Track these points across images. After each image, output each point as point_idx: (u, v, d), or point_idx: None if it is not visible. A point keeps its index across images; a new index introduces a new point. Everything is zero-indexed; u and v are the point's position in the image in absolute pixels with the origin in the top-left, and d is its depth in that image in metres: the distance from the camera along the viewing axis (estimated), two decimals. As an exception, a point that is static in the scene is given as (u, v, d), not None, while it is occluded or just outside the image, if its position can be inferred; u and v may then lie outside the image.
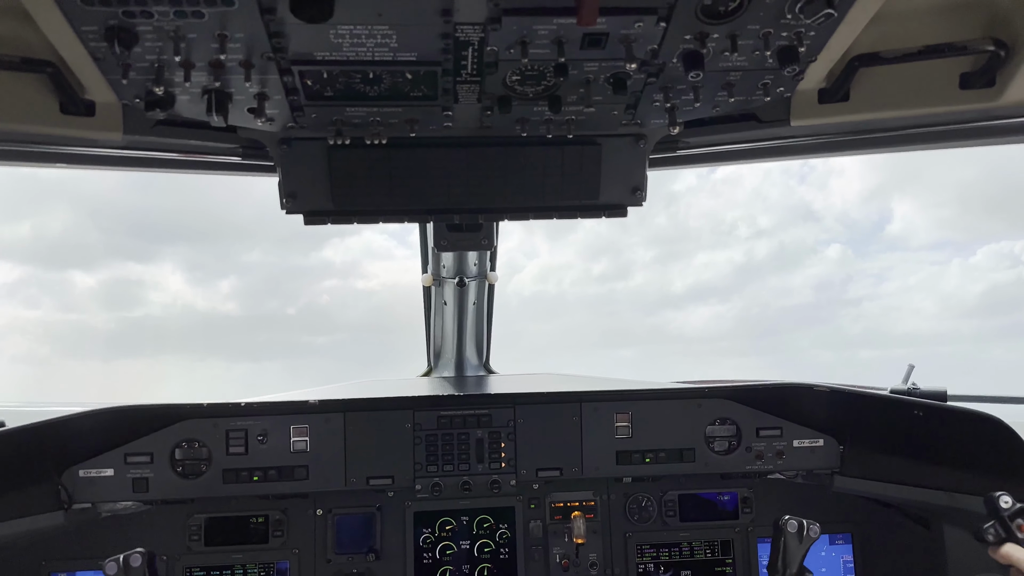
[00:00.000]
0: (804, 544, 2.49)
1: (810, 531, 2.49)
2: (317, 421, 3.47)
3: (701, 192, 24.61)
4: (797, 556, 2.48)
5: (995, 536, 2.38)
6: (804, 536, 2.50)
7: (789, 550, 2.48)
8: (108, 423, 3.28)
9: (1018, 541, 2.34)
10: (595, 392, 3.64)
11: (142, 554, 2.37)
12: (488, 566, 3.68)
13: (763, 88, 2.24)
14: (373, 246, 14.09)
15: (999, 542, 2.37)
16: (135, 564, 2.36)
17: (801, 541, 2.49)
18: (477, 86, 2.19)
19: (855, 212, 22.62)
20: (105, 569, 2.36)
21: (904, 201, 24.47)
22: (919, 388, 3.59)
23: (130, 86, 2.07)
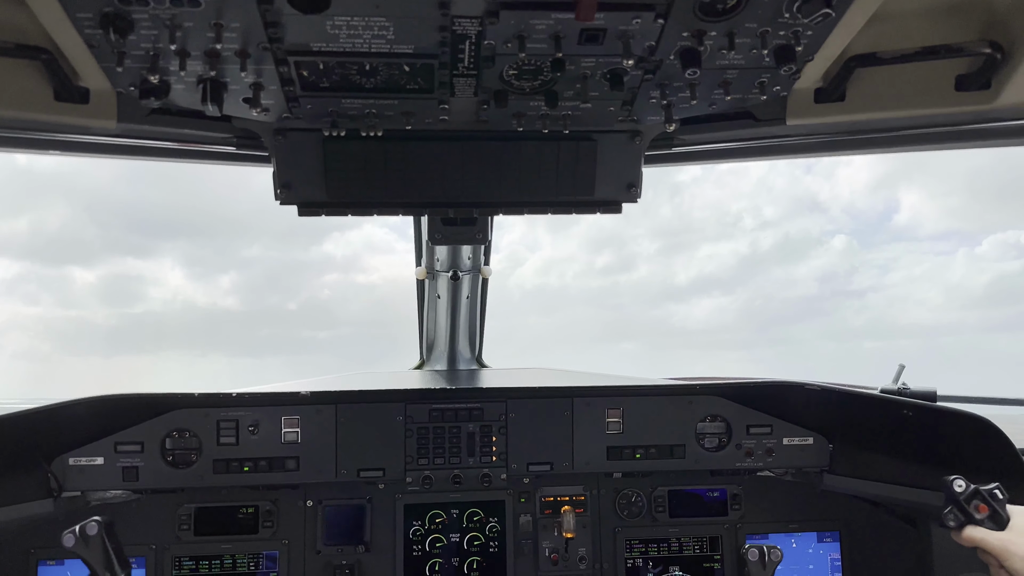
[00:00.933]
0: (768, 569, 2.54)
1: (771, 555, 2.55)
2: (308, 412, 3.47)
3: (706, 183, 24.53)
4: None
5: (955, 520, 2.39)
6: (767, 561, 2.54)
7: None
8: (99, 411, 3.27)
9: (977, 522, 2.35)
10: (587, 388, 3.64)
11: (98, 522, 2.36)
12: (477, 559, 3.69)
13: (759, 87, 2.24)
14: (374, 240, 14.15)
15: (960, 526, 2.38)
16: (91, 532, 2.34)
17: (764, 567, 2.54)
18: (474, 80, 2.18)
19: (861, 202, 22.78)
20: (63, 541, 2.35)
21: (912, 191, 24.63)
22: (909, 388, 3.61)
23: (125, 74, 2.06)
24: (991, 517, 2.35)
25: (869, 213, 62.36)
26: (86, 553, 2.35)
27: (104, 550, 2.35)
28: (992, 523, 2.34)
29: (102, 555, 2.34)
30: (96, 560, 2.34)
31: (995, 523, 2.34)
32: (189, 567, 3.56)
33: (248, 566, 3.60)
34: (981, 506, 2.37)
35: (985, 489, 2.37)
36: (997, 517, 2.35)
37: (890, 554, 3.76)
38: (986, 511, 2.36)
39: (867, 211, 63.99)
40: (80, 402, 3.19)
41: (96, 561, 2.34)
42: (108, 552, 2.35)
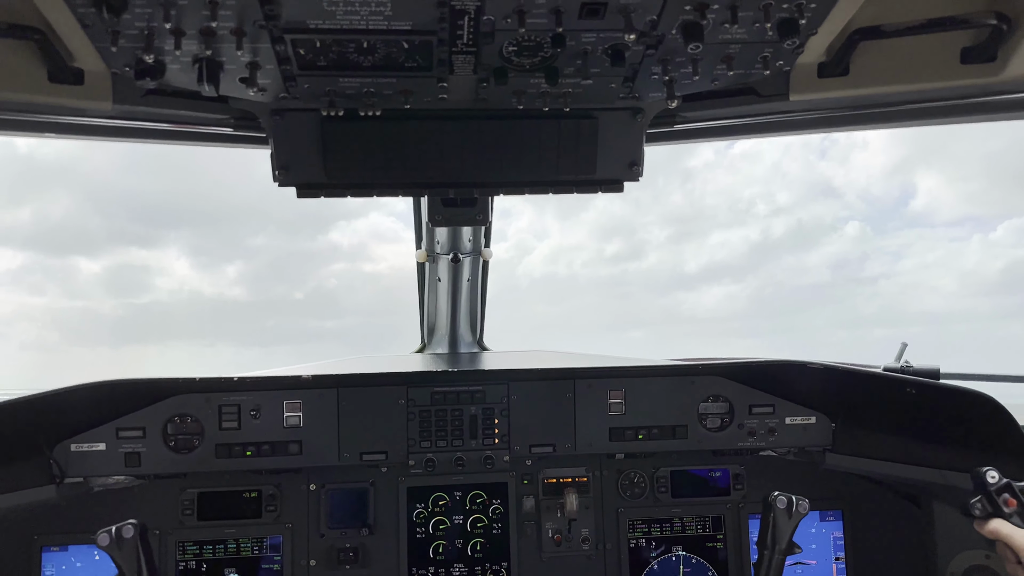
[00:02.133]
0: (793, 520, 2.51)
1: (799, 507, 2.51)
2: (311, 396, 3.47)
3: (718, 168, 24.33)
4: (786, 532, 2.49)
5: (982, 511, 2.40)
6: (793, 512, 2.51)
7: (778, 526, 2.49)
8: (100, 397, 3.26)
9: (1004, 516, 2.36)
10: (589, 369, 3.64)
11: (134, 525, 2.36)
12: (481, 541, 3.69)
13: (763, 61, 2.21)
14: (380, 228, 14.12)
15: (986, 517, 2.39)
16: (127, 535, 2.35)
17: (790, 517, 2.51)
18: (473, 57, 2.15)
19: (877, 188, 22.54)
20: (97, 540, 2.34)
21: (929, 175, 24.32)
22: (912, 366, 3.60)
23: (119, 54, 2.03)
24: (1018, 512, 2.35)
25: (884, 199, 61.99)
26: (118, 555, 2.36)
27: (136, 554, 2.36)
28: (1020, 519, 2.35)
29: (134, 559, 2.36)
30: (127, 563, 2.36)
31: (1022, 519, 2.35)
32: (193, 551, 3.56)
33: (252, 550, 3.60)
34: (1011, 500, 2.37)
35: (1018, 484, 2.38)
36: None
37: (892, 532, 3.77)
38: (1015, 505, 2.36)
39: (882, 197, 63.65)
40: (81, 388, 3.17)
41: (127, 564, 2.36)
42: (139, 556, 2.36)
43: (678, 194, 27.74)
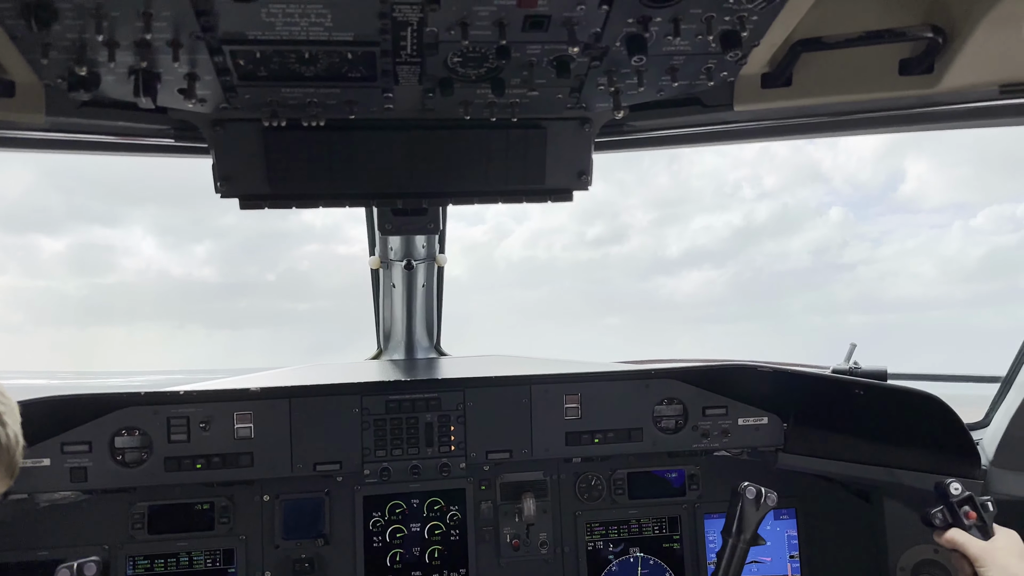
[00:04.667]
0: (761, 511, 2.53)
1: (767, 498, 2.53)
2: (261, 407, 3.41)
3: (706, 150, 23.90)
4: (753, 522, 2.51)
5: (942, 521, 2.46)
6: (762, 503, 2.53)
7: (746, 516, 2.51)
8: (44, 412, 3.17)
9: (964, 527, 2.43)
10: (545, 375, 3.64)
11: (97, 563, 2.31)
12: (439, 548, 3.68)
13: (706, 72, 2.23)
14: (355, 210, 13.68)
15: (945, 527, 2.45)
16: (89, 573, 2.30)
17: (758, 508, 2.52)
18: (418, 67, 2.13)
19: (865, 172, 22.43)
20: (57, 575, 2.29)
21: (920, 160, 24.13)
22: (860, 367, 3.66)
23: (51, 66, 1.97)
24: (977, 525, 2.43)
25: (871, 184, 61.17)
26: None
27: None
28: (977, 531, 2.42)
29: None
30: None
31: (980, 532, 2.42)
32: (144, 566, 3.49)
33: (206, 563, 3.54)
34: (971, 513, 2.45)
35: (980, 499, 2.44)
36: (983, 527, 2.43)
37: (845, 529, 3.84)
38: (974, 518, 2.44)
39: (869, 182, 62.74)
40: (24, 403, 3.09)
41: None
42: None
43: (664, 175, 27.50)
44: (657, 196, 20.92)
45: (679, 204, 24.10)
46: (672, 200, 22.09)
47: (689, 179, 26.83)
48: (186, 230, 14.84)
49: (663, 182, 21.10)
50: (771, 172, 20.30)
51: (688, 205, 22.89)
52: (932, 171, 19.16)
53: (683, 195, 22.66)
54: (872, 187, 18.59)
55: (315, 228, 16.82)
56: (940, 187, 18.27)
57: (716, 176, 21.12)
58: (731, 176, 21.49)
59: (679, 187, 20.96)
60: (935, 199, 18.86)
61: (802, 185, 22.46)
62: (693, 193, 25.02)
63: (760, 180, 20.12)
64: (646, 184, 17.59)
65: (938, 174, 18.44)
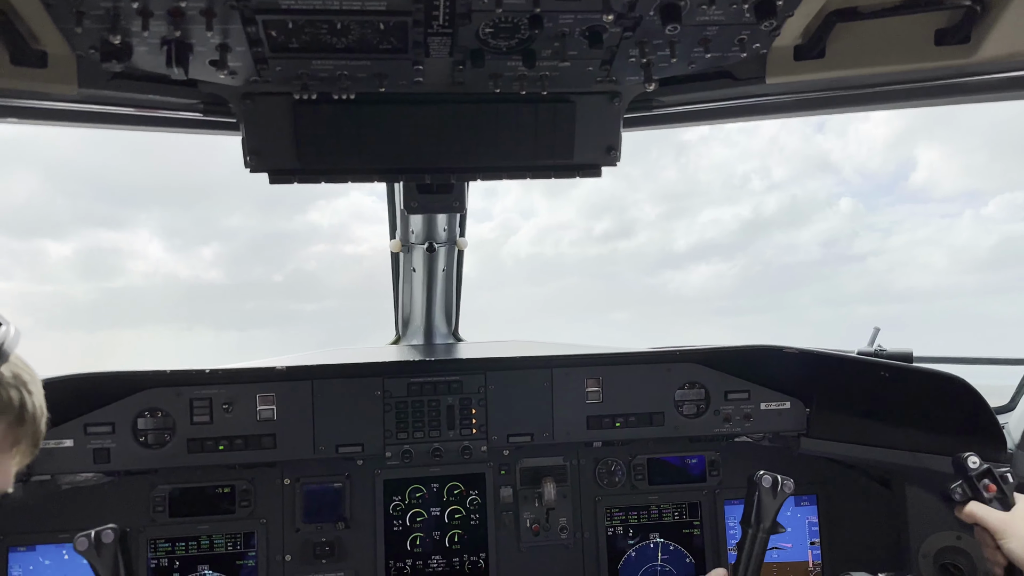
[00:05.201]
0: (778, 499, 2.51)
1: (784, 486, 2.51)
2: (284, 389, 3.41)
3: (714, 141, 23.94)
4: (771, 511, 2.50)
5: (962, 495, 2.45)
6: (778, 491, 2.51)
7: (763, 505, 2.50)
8: (67, 392, 3.17)
9: (984, 500, 2.41)
10: (566, 357, 3.63)
11: (114, 530, 2.29)
12: (459, 532, 3.67)
13: (739, 44, 2.21)
14: (361, 208, 13.70)
15: (965, 501, 2.43)
16: (107, 540, 2.28)
17: (775, 496, 2.51)
18: (449, 39, 2.12)
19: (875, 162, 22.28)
20: (76, 544, 2.28)
21: (931, 148, 23.93)
22: (885, 350, 3.64)
23: (84, 35, 1.96)
24: (998, 497, 2.41)
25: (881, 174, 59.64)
26: (96, 560, 2.29)
27: (115, 561, 2.29)
28: (998, 503, 2.40)
29: (112, 565, 2.29)
30: (105, 569, 2.29)
31: (1001, 504, 2.40)
32: (165, 549, 3.50)
33: (226, 546, 3.54)
34: (990, 485, 2.43)
35: (998, 470, 2.42)
36: (1004, 498, 2.41)
37: (866, 515, 3.82)
38: (994, 491, 2.42)
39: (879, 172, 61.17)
40: (47, 382, 3.08)
41: (105, 570, 2.28)
42: (118, 563, 2.29)
43: (671, 169, 27.37)
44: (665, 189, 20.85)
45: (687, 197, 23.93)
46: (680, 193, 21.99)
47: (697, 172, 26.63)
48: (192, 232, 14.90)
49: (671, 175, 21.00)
50: (780, 163, 20.23)
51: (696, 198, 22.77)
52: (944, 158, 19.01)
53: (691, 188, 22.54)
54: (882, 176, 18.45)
55: (322, 228, 16.83)
56: (952, 174, 18.11)
57: (724, 168, 21.03)
58: (740, 168, 21.37)
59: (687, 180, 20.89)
60: (947, 187, 18.71)
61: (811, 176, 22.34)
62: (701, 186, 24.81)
63: (769, 171, 20.05)
64: (653, 178, 17.56)
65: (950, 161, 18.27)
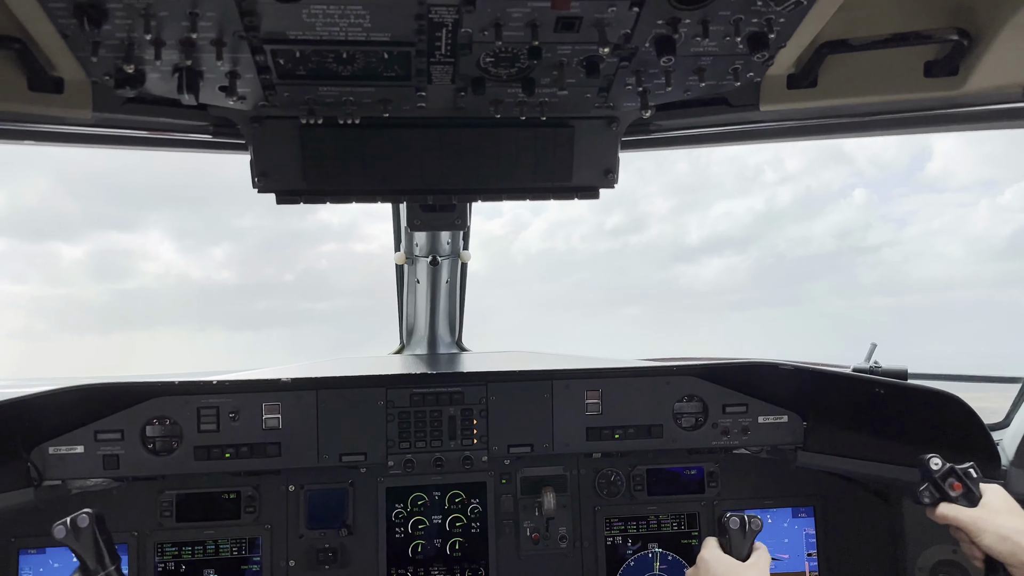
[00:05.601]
0: (748, 538, 2.55)
1: (752, 524, 2.55)
2: (289, 399, 3.48)
3: None
4: (743, 550, 2.54)
5: (930, 497, 2.45)
6: (747, 531, 2.55)
7: (735, 546, 2.54)
8: (77, 400, 3.26)
9: (951, 499, 2.41)
10: (566, 371, 3.68)
11: (89, 514, 2.35)
12: (460, 540, 3.73)
13: (733, 73, 2.26)
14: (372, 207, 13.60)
15: (934, 503, 2.44)
16: (83, 524, 2.33)
17: (745, 535, 2.55)
18: (451, 67, 2.19)
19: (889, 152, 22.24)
20: (54, 533, 2.33)
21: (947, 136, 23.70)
22: (881, 366, 3.68)
23: (99, 63, 2.04)
24: (964, 495, 2.41)
25: (896, 164, 59.51)
26: (76, 545, 2.34)
27: (95, 542, 2.34)
28: (965, 500, 2.40)
29: (92, 547, 2.34)
30: (86, 552, 2.34)
31: (968, 500, 2.40)
32: (172, 553, 3.57)
33: (231, 551, 3.62)
34: (955, 484, 2.42)
35: (960, 468, 2.43)
36: (970, 495, 2.41)
37: (863, 528, 3.85)
38: (960, 489, 2.41)
39: (894, 162, 60.94)
40: (58, 392, 3.18)
41: (86, 553, 2.34)
42: (99, 544, 2.35)
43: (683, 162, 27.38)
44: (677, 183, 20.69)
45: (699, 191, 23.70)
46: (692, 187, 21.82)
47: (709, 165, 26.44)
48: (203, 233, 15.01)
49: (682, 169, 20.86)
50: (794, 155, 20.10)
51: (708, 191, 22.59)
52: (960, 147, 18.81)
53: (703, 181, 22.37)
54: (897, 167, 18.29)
55: (332, 227, 16.90)
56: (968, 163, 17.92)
57: (737, 161, 20.96)
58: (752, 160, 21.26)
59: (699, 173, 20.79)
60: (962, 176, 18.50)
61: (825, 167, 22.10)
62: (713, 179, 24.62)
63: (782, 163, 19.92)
64: (665, 172, 17.52)
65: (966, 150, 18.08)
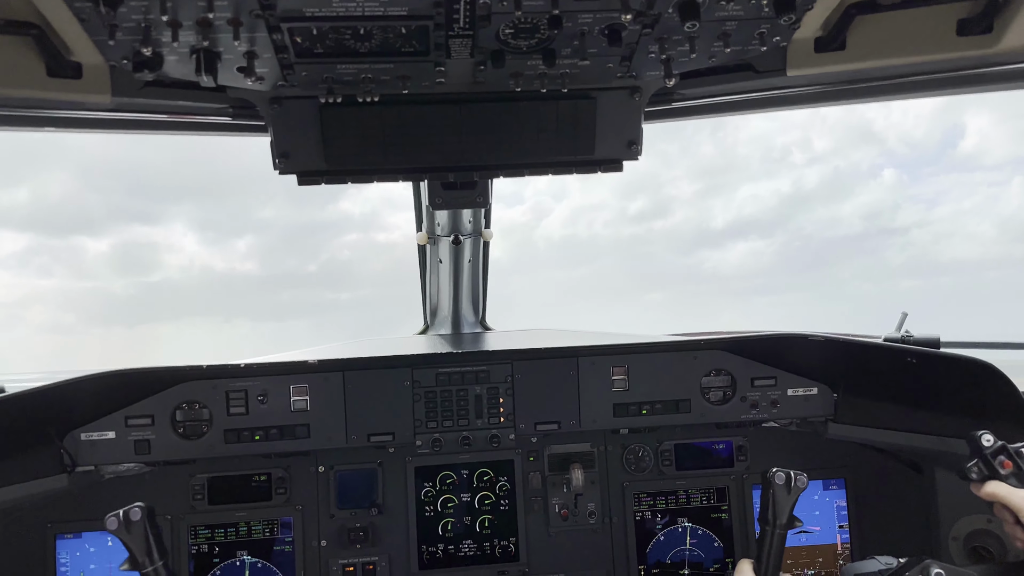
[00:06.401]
0: (792, 495, 2.50)
1: (797, 481, 2.50)
2: (317, 381, 3.50)
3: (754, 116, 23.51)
4: (786, 507, 2.49)
5: (978, 474, 2.41)
6: (792, 487, 2.50)
7: (778, 501, 2.49)
8: (108, 387, 3.29)
9: (1001, 478, 2.37)
10: (592, 347, 3.67)
11: (141, 508, 2.38)
12: (489, 517, 3.75)
13: (759, 38, 2.21)
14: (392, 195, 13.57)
15: (982, 480, 2.40)
16: (135, 518, 2.37)
17: (789, 492, 2.50)
18: (470, 40, 2.15)
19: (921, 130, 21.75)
20: (106, 524, 2.37)
21: (981, 113, 23.13)
22: (912, 335, 3.63)
23: (117, 47, 2.02)
24: (1015, 473, 2.36)
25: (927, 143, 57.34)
26: (127, 537, 2.37)
27: (145, 536, 2.38)
28: (1016, 480, 2.36)
29: (143, 541, 2.38)
30: (137, 545, 2.37)
31: (1019, 480, 2.36)
32: (205, 535, 3.62)
33: (264, 532, 3.66)
34: (1006, 462, 2.38)
35: (1012, 446, 2.39)
36: (1021, 474, 2.36)
37: (895, 499, 3.82)
38: (1011, 467, 2.37)
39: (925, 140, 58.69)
40: (89, 378, 3.21)
41: (136, 546, 2.38)
42: (148, 538, 2.38)
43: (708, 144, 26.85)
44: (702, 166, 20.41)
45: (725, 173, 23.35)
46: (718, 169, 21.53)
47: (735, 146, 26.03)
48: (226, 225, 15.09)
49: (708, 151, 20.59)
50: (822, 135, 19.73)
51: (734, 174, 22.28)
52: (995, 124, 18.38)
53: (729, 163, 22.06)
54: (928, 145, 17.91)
55: (354, 217, 16.93)
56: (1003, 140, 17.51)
57: (764, 142, 20.62)
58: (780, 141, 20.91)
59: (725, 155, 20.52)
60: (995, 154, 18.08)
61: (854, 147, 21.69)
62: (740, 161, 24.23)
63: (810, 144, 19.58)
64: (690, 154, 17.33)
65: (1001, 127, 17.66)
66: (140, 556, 2.39)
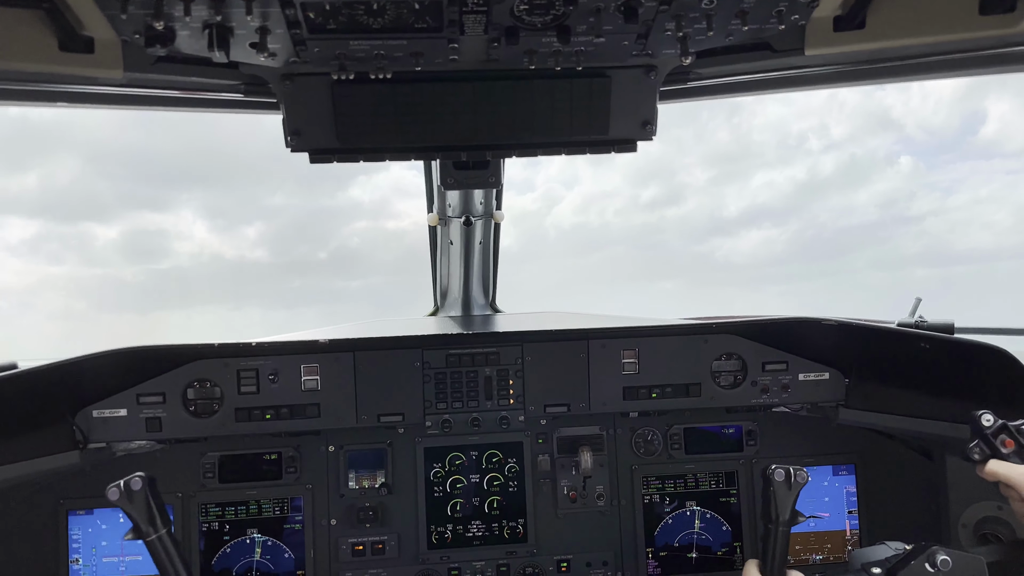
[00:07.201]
0: (793, 491, 2.48)
1: (797, 477, 2.49)
2: (327, 360, 3.51)
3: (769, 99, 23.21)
4: (788, 503, 2.48)
5: (980, 454, 2.39)
6: (792, 483, 2.49)
7: (779, 498, 2.48)
8: (120, 364, 3.30)
9: (1003, 457, 2.36)
10: (602, 329, 3.66)
11: (142, 477, 2.40)
12: (498, 498, 3.76)
13: (777, 16, 2.17)
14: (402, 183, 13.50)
15: (984, 459, 2.38)
16: (136, 487, 2.38)
17: (790, 488, 2.49)
18: (484, 16, 2.12)
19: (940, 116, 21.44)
20: (108, 494, 2.38)
21: (1003, 99, 22.58)
22: (926, 321, 3.60)
23: (129, 21, 2.01)
24: (1016, 452, 2.35)
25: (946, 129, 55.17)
26: (129, 507, 2.39)
27: (147, 505, 2.39)
28: (1018, 458, 2.34)
29: (145, 510, 2.39)
30: (139, 514, 2.39)
31: (1020, 458, 2.34)
32: (216, 513, 3.64)
33: (274, 510, 3.68)
34: (1008, 441, 2.37)
35: (1013, 424, 2.37)
36: (1022, 452, 2.34)
37: (905, 485, 3.81)
38: (1012, 446, 2.35)
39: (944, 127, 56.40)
40: (101, 355, 3.22)
41: (139, 515, 2.39)
42: (151, 507, 2.40)
43: (723, 130, 26.43)
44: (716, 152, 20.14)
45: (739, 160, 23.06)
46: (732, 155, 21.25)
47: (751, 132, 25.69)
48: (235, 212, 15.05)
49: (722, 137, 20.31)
50: (840, 121, 19.41)
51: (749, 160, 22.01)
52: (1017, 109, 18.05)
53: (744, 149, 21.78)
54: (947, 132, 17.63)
55: (363, 204, 16.87)
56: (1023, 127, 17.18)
57: (780, 128, 20.33)
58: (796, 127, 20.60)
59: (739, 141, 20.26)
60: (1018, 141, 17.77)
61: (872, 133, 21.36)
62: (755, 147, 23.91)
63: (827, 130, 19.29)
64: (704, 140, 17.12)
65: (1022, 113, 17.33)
66: (144, 525, 2.40)
